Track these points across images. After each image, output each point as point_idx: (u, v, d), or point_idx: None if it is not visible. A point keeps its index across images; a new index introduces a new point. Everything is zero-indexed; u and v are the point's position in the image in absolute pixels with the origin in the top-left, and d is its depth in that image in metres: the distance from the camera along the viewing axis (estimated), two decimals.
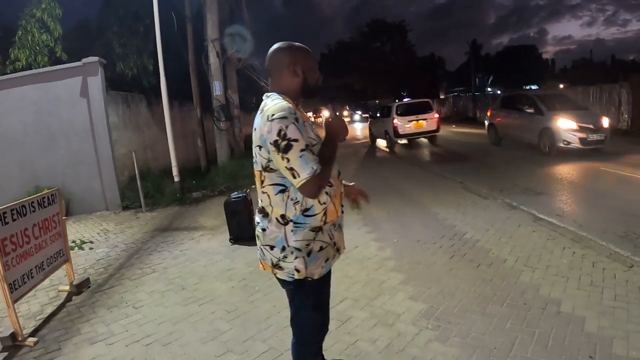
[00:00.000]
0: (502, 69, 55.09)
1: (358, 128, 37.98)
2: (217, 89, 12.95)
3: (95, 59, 9.04)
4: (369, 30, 64.73)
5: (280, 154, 2.10)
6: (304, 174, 2.08)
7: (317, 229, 2.29)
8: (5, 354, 3.72)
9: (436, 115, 18.06)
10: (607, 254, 5.00)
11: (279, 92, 2.32)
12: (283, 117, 2.10)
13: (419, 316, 3.89)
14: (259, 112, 2.28)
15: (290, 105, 2.20)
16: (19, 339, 3.86)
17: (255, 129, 2.25)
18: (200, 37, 13.32)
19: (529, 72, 55.97)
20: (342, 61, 60.90)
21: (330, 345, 3.42)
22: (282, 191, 2.23)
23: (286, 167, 2.11)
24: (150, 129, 12.47)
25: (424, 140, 19.22)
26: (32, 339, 3.90)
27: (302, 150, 2.08)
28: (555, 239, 5.63)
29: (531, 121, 13.42)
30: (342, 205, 2.47)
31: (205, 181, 11.45)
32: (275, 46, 2.37)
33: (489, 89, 45.11)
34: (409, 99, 25.19)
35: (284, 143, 2.08)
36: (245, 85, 16.46)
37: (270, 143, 2.11)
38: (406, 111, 18.10)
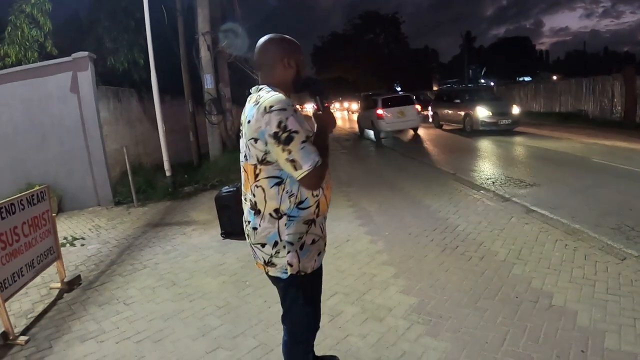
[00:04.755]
0: (495, 60, 55.15)
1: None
2: (208, 82, 12.85)
3: (85, 53, 8.94)
4: (362, 23, 64.67)
5: (281, 145, 2.07)
6: (306, 166, 2.06)
7: (309, 222, 2.28)
8: None
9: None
10: (600, 246, 5.02)
11: (271, 85, 2.28)
12: (282, 109, 2.07)
13: (410, 310, 3.88)
14: (251, 104, 2.22)
15: (286, 97, 2.18)
16: (10, 337, 3.83)
17: (248, 122, 2.19)
18: (191, 30, 13.17)
19: (522, 64, 56.15)
20: (335, 53, 60.90)
21: (320, 340, 3.41)
22: (277, 184, 2.19)
23: (287, 159, 2.08)
24: (142, 124, 12.38)
25: None
26: (23, 338, 3.88)
27: (303, 141, 2.07)
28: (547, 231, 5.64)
29: None
30: None
31: (197, 175, 11.37)
32: (265, 38, 2.33)
33: (482, 81, 45.13)
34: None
35: (284, 135, 2.05)
36: (237, 79, 16.31)
37: (269, 135, 2.08)
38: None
